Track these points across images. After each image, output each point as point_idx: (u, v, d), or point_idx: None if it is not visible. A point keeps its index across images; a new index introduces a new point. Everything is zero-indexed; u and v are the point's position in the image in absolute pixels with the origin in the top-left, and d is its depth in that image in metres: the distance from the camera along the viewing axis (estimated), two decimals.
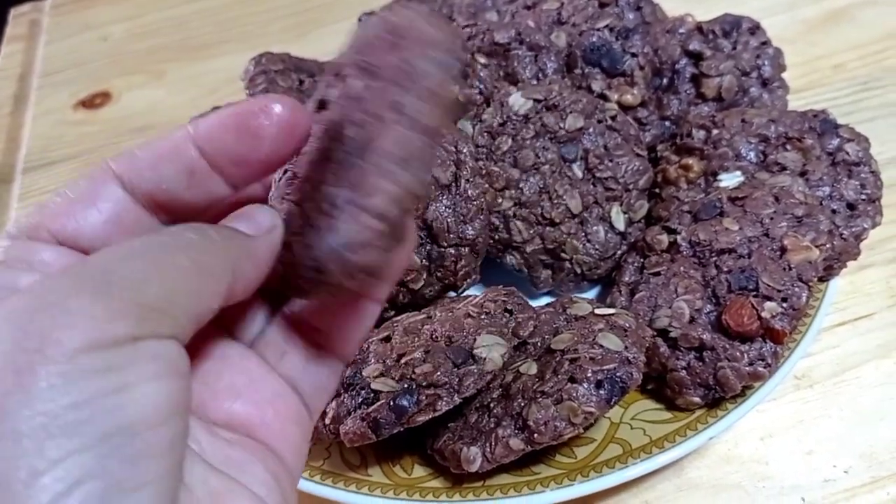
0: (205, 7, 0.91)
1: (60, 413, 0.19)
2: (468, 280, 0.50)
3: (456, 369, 0.39)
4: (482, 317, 0.42)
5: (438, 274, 0.49)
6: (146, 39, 0.88)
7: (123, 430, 0.20)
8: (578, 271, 0.50)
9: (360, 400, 0.39)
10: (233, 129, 0.26)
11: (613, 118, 0.50)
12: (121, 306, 0.21)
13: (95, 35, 0.91)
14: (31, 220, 0.26)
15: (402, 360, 0.40)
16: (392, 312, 0.49)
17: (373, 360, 0.41)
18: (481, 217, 0.49)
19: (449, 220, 0.48)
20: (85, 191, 0.26)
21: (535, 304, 0.52)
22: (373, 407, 0.38)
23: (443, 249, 0.48)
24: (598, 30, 0.56)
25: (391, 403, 0.38)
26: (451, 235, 0.48)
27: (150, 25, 0.91)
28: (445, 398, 0.38)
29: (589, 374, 0.39)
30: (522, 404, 0.40)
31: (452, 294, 0.50)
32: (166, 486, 0.21)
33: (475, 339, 0.40)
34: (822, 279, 0.47)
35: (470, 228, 0.48)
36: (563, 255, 0.50)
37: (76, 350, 0.20)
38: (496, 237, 0.51)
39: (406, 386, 0.38)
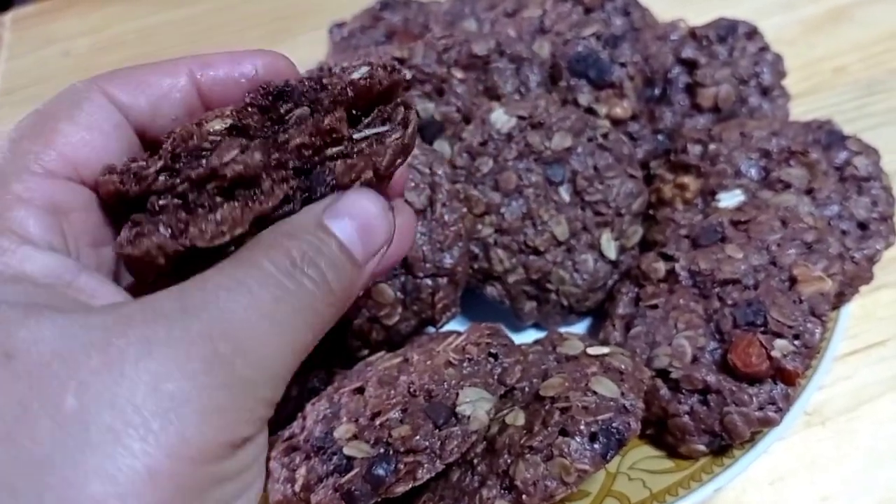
0: (172, 18, 0.87)
1: None
2: (447, 314, 0.45)
3: (437, 430, 0.34)
4: (464, 365, 0.38)
5: (415, 308, 0.44)
6: (110, 53, 0.84)
7: None
8: (565, 303, 0.46)
9: (332, 467, 0.35)
10: (244, 89, 0.27)
11: (605, 136, 0.46)
12: (248, 404, 0.22)
13: (58, 49, 0.86)
14: (44, 151, 0.25)
15: (378, 421, 0.36)
16: (366, 351, 0.45)
17: (345, 418, 0.37)
18: (460, 244, 0.45)
19: (424, 248, 0.44)
20: (94, 120, 0.26)
21: (521, 337, 0.48)
22: (346, 476, 0.34)
23: (418, 280, 0.44)
24: (584, 38, 0.52)
25: (366, 473, 0.34)
26: (427, 265, 0.44)
27: (116, 38, 0.86)
28: (426, 465, 0.34)
29: (582, 427, 0.35)
30: (509, 461, 0.36)
31: (431, 329, 0.46)
32: None
33: (457, 394, 0.36)
34: (832, 307, 0.43)
35: (448, 257, 0.44)
36: (548, 286, 0.46)
37: (202, 459, 0.20)
38: (476, 266, 0.47)
39: (382, 451, 0.34)
